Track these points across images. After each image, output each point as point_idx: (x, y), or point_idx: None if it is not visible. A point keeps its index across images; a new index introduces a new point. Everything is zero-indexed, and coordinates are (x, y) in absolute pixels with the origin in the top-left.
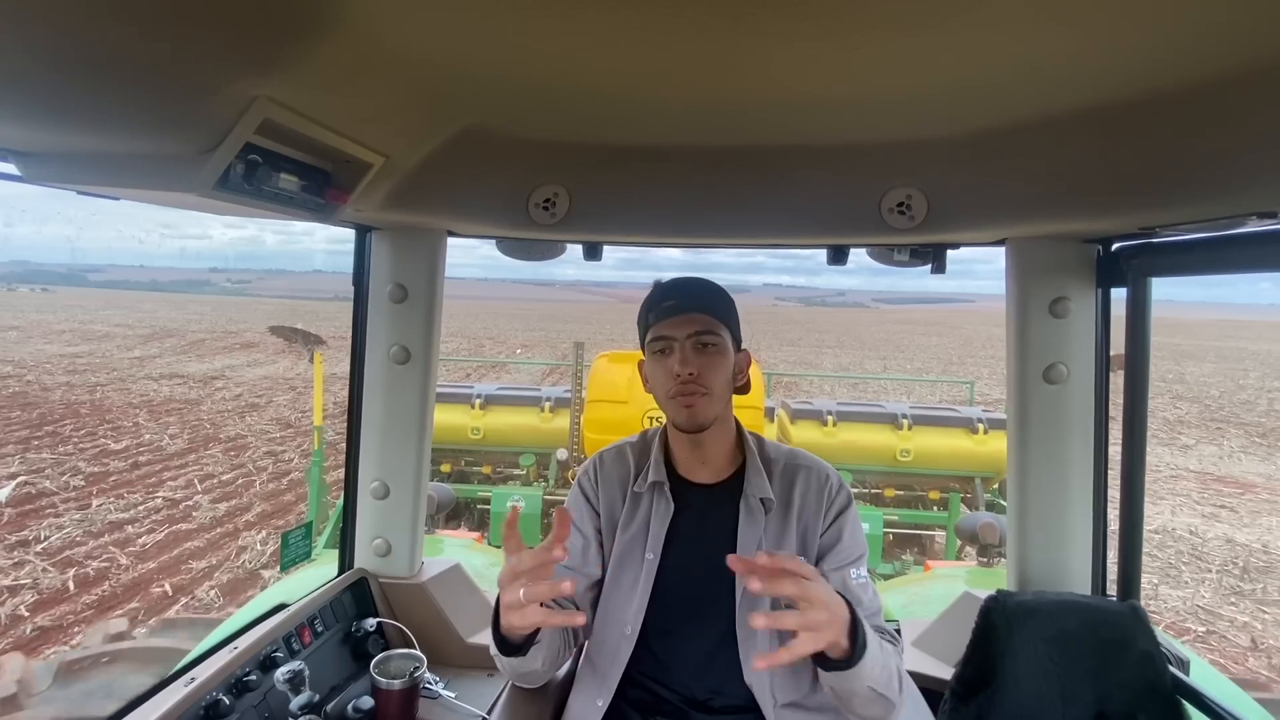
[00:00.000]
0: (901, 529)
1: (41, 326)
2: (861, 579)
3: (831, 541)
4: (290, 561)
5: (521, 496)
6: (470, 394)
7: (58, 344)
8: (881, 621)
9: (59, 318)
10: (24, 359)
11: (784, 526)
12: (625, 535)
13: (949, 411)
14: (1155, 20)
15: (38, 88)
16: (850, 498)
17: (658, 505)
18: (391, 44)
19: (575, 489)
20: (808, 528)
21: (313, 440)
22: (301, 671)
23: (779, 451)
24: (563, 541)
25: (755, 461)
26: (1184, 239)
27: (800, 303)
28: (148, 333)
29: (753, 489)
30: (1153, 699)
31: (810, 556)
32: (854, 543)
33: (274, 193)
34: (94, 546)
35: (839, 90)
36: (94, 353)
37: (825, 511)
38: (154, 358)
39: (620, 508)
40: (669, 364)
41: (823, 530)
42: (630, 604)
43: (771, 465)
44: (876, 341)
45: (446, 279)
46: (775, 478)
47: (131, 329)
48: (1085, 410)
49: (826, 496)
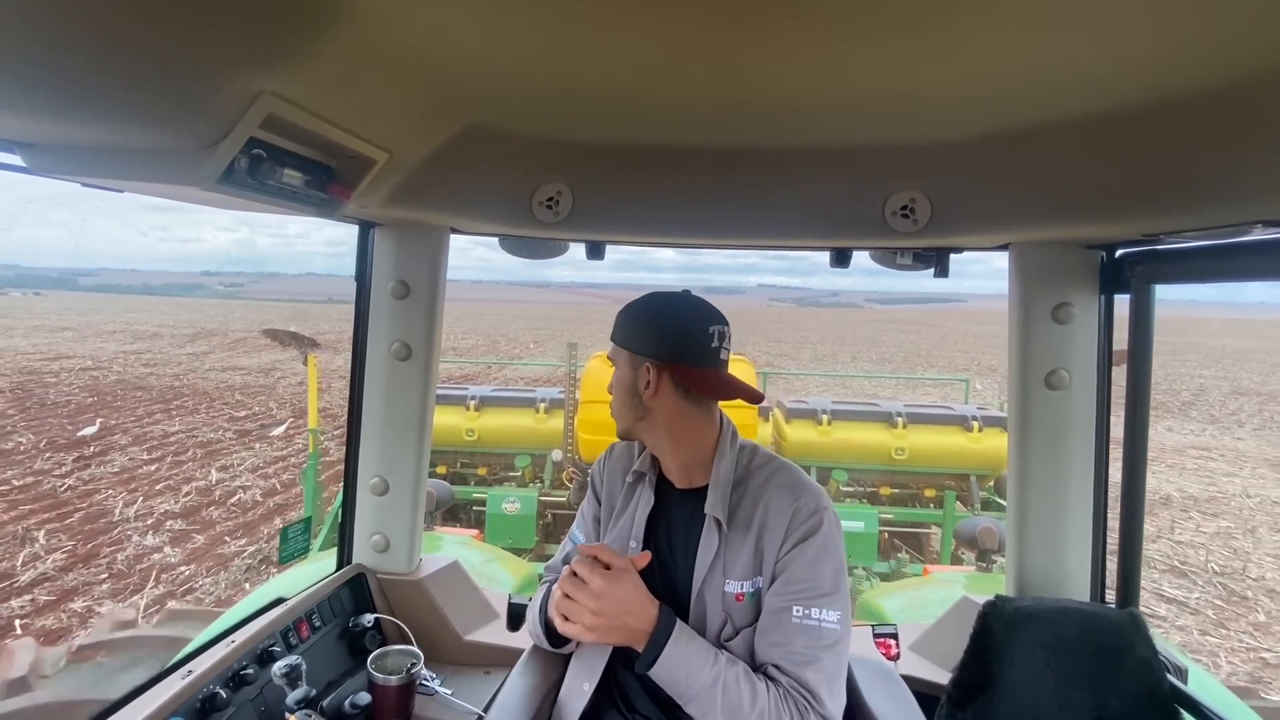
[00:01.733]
0: (897, 527)
1: (92, 327)
2: (807, 620)
3: (781, 570)
4: (289, 556)
5: (517, 498)
6: (465, 395)
7: (114, 342)
8: (806, 674)
9: (103, 319)
10: (95, 355)
11: (742, 545)
12: (616, 524)
13: (944, 409)
14: (1161, 27)
15: (43, 80)
16: (820, 528)
17: (642, 497)
18: (396, 40)
19: (589, 478)
20: (765, 550)
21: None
22: (299, 666)
23: (765, 468)
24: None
25: (718, 476)
26: (1188, 246)
27: (794, 303)
28: (191, 332)
29: (710, 506)
30: (1151, 707)
31: (767, 579)
32: (810, 576)
33: (278, 188)
34: (254, 478)
35: (844, 92)
36: (151, 350)
37: (785, 537)
38: (206, 354)
39: (618, 496)
40: None
41: (778, 557)
42: None
43: (746, 482)
44: (857, 338)
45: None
46: (746, 495)
47: (175, 329)
48: (1086, 416)
49: (791, 521)
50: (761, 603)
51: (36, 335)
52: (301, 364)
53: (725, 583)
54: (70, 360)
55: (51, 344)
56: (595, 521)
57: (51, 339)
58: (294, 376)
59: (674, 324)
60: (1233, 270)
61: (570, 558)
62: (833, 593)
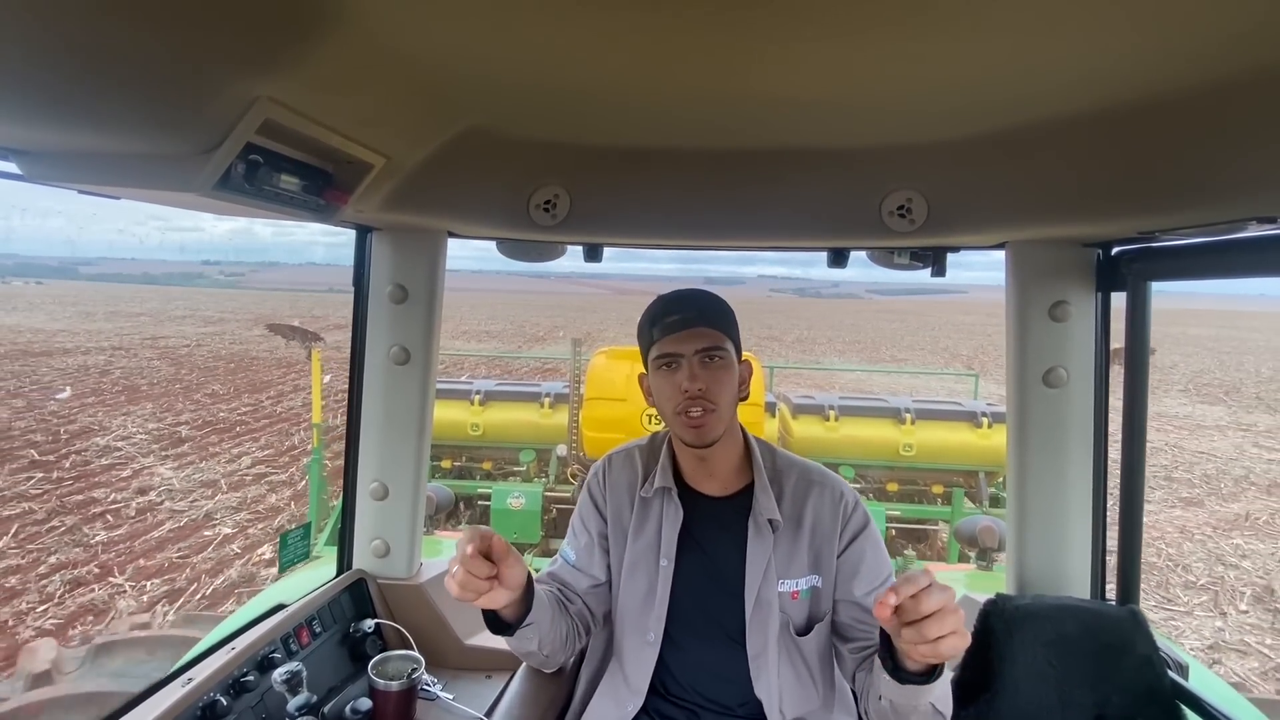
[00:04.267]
0: (905, 524)
1: (164, 313)
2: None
3: (855, 565)
4: (289, 562)
5: (522, 493)
6: (469, 390)
7: (189, 325)
8: None
9: (172, 306)
10: (181, 335)
11: (795, 545)
12: (638, 542)
13: (952, 405)
14: (1156, 25)
15: (39, 87)
16: (867, 517)
17: (668, 512)
18: (392, 45)
19: (584, 491)
20: (821, 547)
21: (313, 436)
22: (299, 672)
23: (791, 466)
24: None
25: (763, 479)
26: (1184, 243)
27: (795, 294)
28: (251, 318)
29: (760, 509)
30: (1152, 704)
31: (827, 576)
32: (879, 563)
33: (275, 193)
34: None
35: (840, 93)
36: (224, 333)
37: (841, 532)
38: (273, 336)
39: (629, 514)
40: (676, 379)
41: (840, 550)
42: (650, 611)
43: (783, 481)
44: (844, 327)
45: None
46: (786, 495)
47: (234, 315)
48: (1085, 414)
49: (841, 515)
50: (818, 600)
51: (118, 320)
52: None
53: (780, 583)
54: (167, 340)
55: (136, 326)
56: (602, 538)
57: (134, 323)
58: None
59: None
60: (1228, 267)
61: (558, 574)
62: (892, 572)
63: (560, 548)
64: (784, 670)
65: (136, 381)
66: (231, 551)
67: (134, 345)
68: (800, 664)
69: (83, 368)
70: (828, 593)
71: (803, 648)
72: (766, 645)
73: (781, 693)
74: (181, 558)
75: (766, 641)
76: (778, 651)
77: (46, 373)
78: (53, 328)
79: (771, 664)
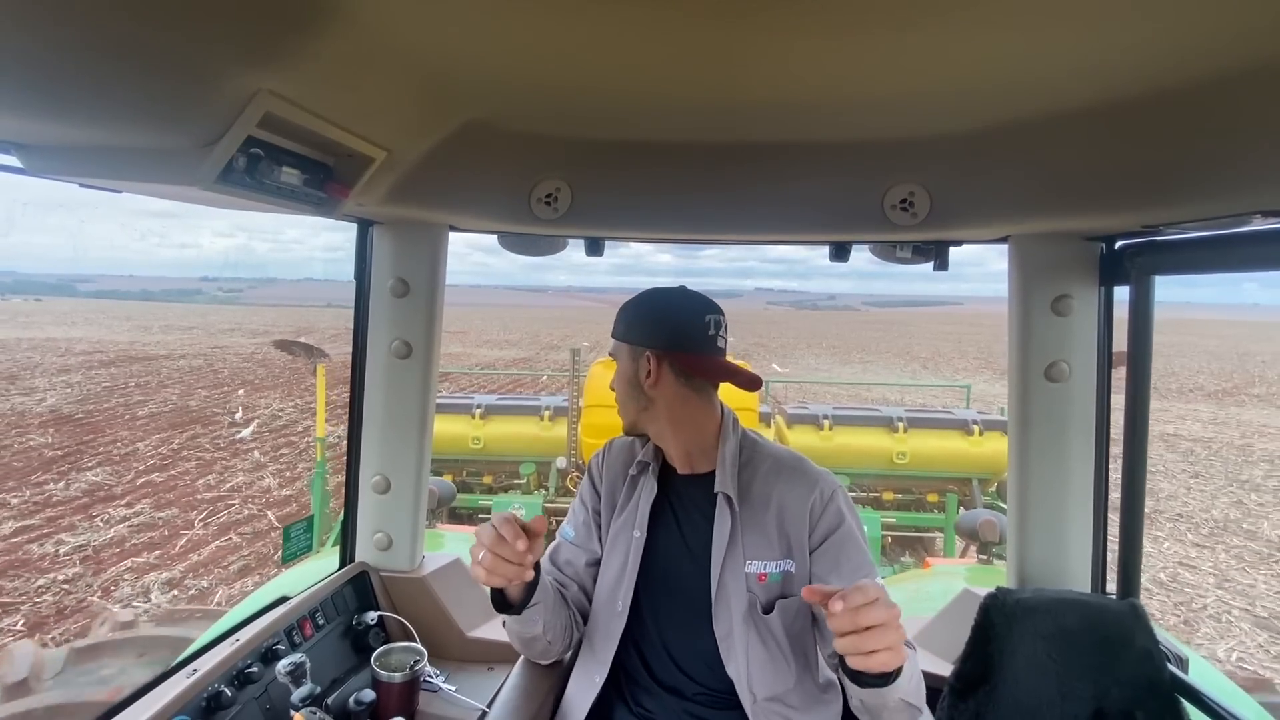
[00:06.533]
0: (900, 531)
1: (214, 326)
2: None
3: (834, 559)
4: (292, 554)
5: (522, 505)
6: (470, 404)
7: (240, 336)
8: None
9: (213, 321)
10: (238, 345)
11: (762, 525)
12: (620, 517)
13: (944, 414)
14: (1160, 17)
15: (40, 80)
16: (843, 514)
17: (645, 486)
18: (393, 38)
19: (585, 474)
20: (792, 537)
21: (317, 449)
22: (303, 664)
23: (772, 455)
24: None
25: (724, 458)
26: (1188, 237)
27: (791, 306)
28: (293, 330)
29: (719, 484)
30: (1151, 696)
31: (801, 563)
32: (859, 558)
33: (276, 186)
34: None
35: (842, 86)
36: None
37: (813, 526)
38: (322, 343)
39: (620, 490)
40: None
41: (814, 546)
42: (621, 581)
43: (754, 464)
44: (830, 336)
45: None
46: (756, 479)
47: (276, 327)
48: (1086, 408)
49: (812, 509)
50: (790, 584)
51: (174, 333)
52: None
53: (746, 563)
54: (229, 349)
55: (194, 339)
56: (595, 514)
57: (190, 335)
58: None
59: (671, 314)
60: (1232, 260)
61: (558, 555)
62: (874, 567)
63: (560, 527)
64: (754, 650)
65: (245, 378)
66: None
67: (209, 352)
68: (771, 643)
69: (190, 369)
70: (802, 580)
71: (771, 626)
72: (733, 625)
73: (751, 672)
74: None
75: (733, 621)
76: (745, 630)
77: (165, 371)
78: (123, 339)
79: (739, 644)
